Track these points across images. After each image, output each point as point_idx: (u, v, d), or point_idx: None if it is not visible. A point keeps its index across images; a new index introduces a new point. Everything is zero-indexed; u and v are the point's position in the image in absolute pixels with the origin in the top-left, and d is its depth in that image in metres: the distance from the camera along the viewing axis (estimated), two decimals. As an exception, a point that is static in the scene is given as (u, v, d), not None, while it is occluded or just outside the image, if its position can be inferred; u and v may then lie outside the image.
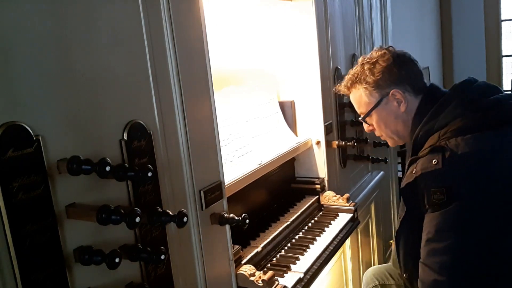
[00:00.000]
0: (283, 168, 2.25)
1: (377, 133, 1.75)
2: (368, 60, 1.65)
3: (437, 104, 1.52)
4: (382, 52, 1.63)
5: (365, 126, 1.76)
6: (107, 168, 0.91)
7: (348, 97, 1.83)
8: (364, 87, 1.65)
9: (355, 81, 1.68)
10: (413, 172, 1.43)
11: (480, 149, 1.35)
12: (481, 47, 6.53)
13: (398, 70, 1.58)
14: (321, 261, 1.84)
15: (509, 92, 1.54)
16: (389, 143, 1.77)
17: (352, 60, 2.65)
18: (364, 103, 1.68)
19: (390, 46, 1.68)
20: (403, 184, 1.49)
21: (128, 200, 1.09)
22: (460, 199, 1.32)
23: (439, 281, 1.36)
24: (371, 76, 1.61)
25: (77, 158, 0.91)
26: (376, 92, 1.63)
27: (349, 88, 1.72)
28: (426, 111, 1.55)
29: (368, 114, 1.68)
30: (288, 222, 2.01)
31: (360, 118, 1.75)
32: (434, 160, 1.37)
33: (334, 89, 1.84)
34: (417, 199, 1.44)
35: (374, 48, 1.71)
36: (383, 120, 1.67)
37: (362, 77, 1.64)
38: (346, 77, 1.73)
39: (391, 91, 1.60)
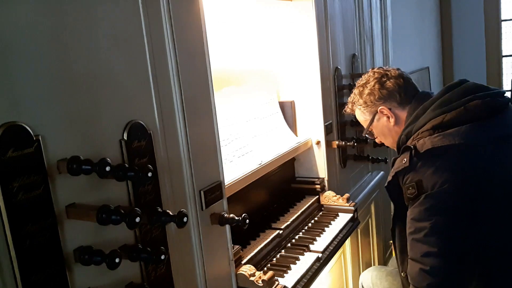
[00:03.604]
0: (283, 168, 2.25)
1: (385, 144, 1.95)
2: (358, 84, 1.89)
3: (419, 109, 1.66)
4: (368, 75, 1.85)
5: (376, 139, 1.97)
6: (107, 168, 0.91)
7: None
8: (358, 108, 1.88)
9: (352, 103, 1.92)
10: (392, 171, 1.59)
11: (440, 145, 1.47)
12: (481, 47, 6.52)
13: (379, 90, 1.78)
14: (321, 261, 1.84)
15: (497, 91, 1.62)
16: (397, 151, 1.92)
17: (352, 60, 2.65)
18: (363, 121, 1.91)
19: (380, 68, 1.88)
20: (386, 183, 1.63)
21: (128, 200, 1.09)
22: (426, 191, 1.46)
23: (424, 270, 1.45)
24: (360, 99, 1.84)
25: (77, 158, 0.91)
26: (367, 111, 1.85)
27: (351, 109, 1.96)
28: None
29: (366, 129, 1.90)
30: (288, 222, 2.01)
31: (363, 133, 1.98)
32: (404, 159, 1.52)
33: (343, 111, 2.08)
34: (401, 196, 1.57)
35: (368, 70, 1.91)
36: (381, 133, 1.88)
37: (355, 100, 1.88)
38: (348, 100, 1.97)
39: (379, 109, 1.80)
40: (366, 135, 1.94)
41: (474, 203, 1.45)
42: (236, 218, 1.41)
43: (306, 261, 1.81)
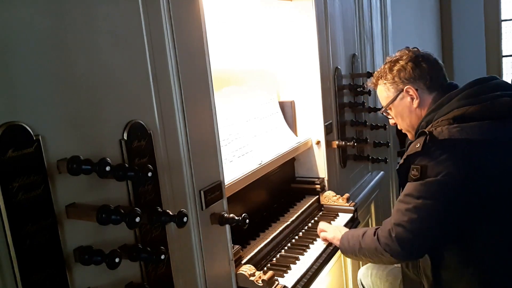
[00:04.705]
0: (283, 168, 2.25)
1: (398, 126, 1.92)
2: (390, 59, 1.83)
3: (444, 97, 1.63)
4: (403, 52, 1.81)
5: (390, 120, 1.94)
6: (107, 168, 0.91)
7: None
8: (384, 83, 1.82)
9: (378, 78, 1.86)
10: (405, 154, 1.60)
11: (457, 138, 1.48)
12: (481, 47, 6.52)
13: (412, 70, 1.73)
14: (321, 261, 1.84)
15: None
16: (409, 136, 1.92)
17: (352, 60, 2.65)
18: (385, 98, 1.85)
19: (415, 48, 1.84)
20: (397, 166, 1.65)
21: (128, 200, 1.09)
22: (428, 177, 1.49)
23: (391, 235, 1.56)
24: (389, 74, 1.79)
25: (77, 158, 0.91)
26: (393, 88, 1.79)
27: (374, 84, 1.90)
28: None
29: (386, 106, 1.84)
30: (288, 222, 2.01)
31: (381, 111, 1.94)
32: (417, 144, 1.53)
33: (365, 84, 2.05)
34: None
35: (401, 49, 1.87)
36: (400, 114, 1.83)
37: (383, 74, 1.82)
38: (374, 74, 1.93)
39: (405, 88, 1.75)
40: (384, 113, 1.91)
41: (470, 200, 1.47)
42: (236, 218, 1.41)
43: (306, 261, 1.81)
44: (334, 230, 1.92)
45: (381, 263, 1.99)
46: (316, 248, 1.91)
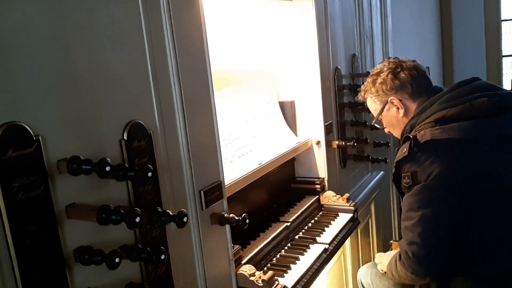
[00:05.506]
0: (283, 168, 2.25)
1: (393, 134, 1.96)
2: (372, 72, 1.89)
3: (427, 101, 1.68)
4: (383, 65, 1.86)
5: (384, 130, 1.99)
6: (107, 168, 0.91)
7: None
8: (370, 96, 1.89)
9: (365, 91, 1.93)
10: (394, 161, 1.64)
11: (439, 138, 1.51)
12: (481, 47, 6.51)
13: (392, 81, 1.79)
14: (321, 261, 1.84)
15: (507, 92, 1.64)
16: None
17: (352, 60, 2.65)
18: (373, 110, 1.95)
19: (396, 58, 1.88)
20: (391, 176, 1.68)
21: (128, 200, 1.09)
22: (419, 182, 1.52)
23: (409, 256, 1.56)
24: (373, 87, 1.85)
25: (77, 158, 0.91)
26: (378, 100, 1.86)
27: (363, 97, 1.97)
28: None
29: (375, 118, 1.91)
30: (288, 222, 2.01)
31: (372, 122, 2.00)
32: (404, 149, 1.57)
33: (356, 97, 2.12)
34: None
35: (384, 60, 1.92)
36: (390, 123, 1.89)
37: (368, 88, 1.89)
38: (361, 87, 1.99)
39: (389, 99, 1.81)
40: (375, 124, 1.96)
41: (464, 198, 1.49)
42: (236, 218, 1.41)
43: (306, 261, 1.80)
44: (385, 260, 1.94)
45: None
46: (316, 248, 1.91)
